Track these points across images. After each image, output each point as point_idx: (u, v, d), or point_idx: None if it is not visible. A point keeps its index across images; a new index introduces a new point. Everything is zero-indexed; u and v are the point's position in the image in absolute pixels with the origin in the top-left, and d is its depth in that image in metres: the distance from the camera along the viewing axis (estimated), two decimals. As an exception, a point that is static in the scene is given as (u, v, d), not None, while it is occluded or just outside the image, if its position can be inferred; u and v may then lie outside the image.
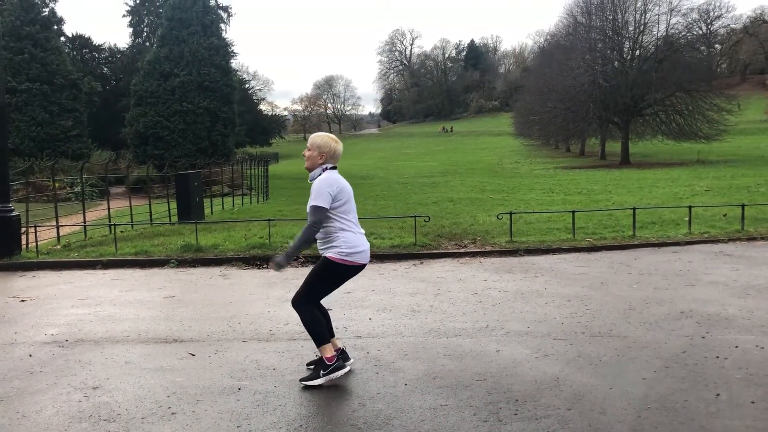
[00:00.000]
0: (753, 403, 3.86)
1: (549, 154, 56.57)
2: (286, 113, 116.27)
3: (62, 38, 47.93)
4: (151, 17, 60.23)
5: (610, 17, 45.97)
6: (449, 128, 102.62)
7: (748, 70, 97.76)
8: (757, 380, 4.22)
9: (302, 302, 4.40)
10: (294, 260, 9.26)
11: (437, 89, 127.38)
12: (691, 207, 11.44)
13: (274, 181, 30.12)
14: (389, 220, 12.75)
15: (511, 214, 10.72)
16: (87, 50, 59.85)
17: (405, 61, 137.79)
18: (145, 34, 61.62)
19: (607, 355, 4.81)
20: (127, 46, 62.21)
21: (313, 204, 4.25)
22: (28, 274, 9.06)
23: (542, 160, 49.40)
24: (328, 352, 4.38)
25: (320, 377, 4.34)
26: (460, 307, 6.36)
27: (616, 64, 45.99)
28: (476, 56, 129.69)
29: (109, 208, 14.83)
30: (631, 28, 45.94)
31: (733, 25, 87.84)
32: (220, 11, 51.50)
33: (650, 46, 45.88)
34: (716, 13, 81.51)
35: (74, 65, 42.95)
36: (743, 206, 11.30)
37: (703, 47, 59.66)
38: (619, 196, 19.96)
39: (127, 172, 26.47)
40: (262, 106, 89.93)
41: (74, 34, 58.31)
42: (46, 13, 39.97)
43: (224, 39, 41.71)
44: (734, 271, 7.81)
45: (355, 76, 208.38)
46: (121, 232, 12.65)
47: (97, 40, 79.59)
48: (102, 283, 8.29)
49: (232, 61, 44.10)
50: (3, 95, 10.26)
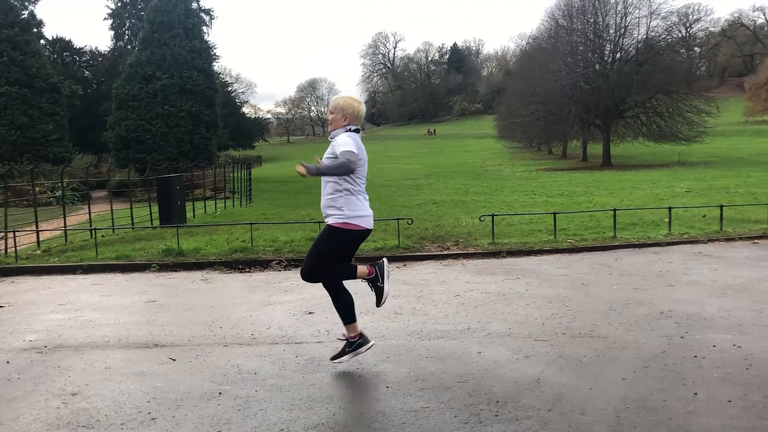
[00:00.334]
0: (730, 401, 3.91)
1: (531, 157, 56.98)
2: (269, 116, 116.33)
3: (42, 41, 47.38)
4: (133, 20, 59.97)
5: (591, 20, 46.40)
6: (433, 131, 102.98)
7: (726, 73, 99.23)
8: (734, 379, 4.26)
9: (313, 273, 4.53)
10: (278, 263, 9.24)
11: (421, 92, 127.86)
12: (671, 208, 11.59)
13: (257, 185, 29.99)
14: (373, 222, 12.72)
15: (494, 216, 10.76)
16: (68, 53, 59.34)
17: (388, 64, 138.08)
18: (127, 37, 61.32)
19: (587, 355, 4.85)
20: (108, 49, 61.92)
21: (345, 149, 4.24)
22: (7, 280, 8.95)
23: (525, 163, 49.69)
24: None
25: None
26: (443, 309, 6.38)
27: (597, 66, 46.41)
28: (459, 59, 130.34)
29: (90, 213, 14.71)
30: (612, 31, 46.40)
31: (712, 29, 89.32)
32: (203, 14, 51.30)
33: (631, 49, 46.37)
34: (695, 17, 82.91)
35: (54, 68, 42.49)
36: (722, 207, 11.46)
37: (682, 50, 60.45)
38: (601, 197, 20.11)
39: (109, 176, 26.23)
40: (245, 109, 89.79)
41: (54, 37, 57.81)
42: (26, 16, 39.52)
43: (206, 42, 41.61)
44: (713, 271, 7.91)
45: (339, 79, 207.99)
46: (102, 236, 12.54)
47: (78, 43, 79.30)
48: (82, 288, 8.21)
49: (214, 63, 44.06)
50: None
